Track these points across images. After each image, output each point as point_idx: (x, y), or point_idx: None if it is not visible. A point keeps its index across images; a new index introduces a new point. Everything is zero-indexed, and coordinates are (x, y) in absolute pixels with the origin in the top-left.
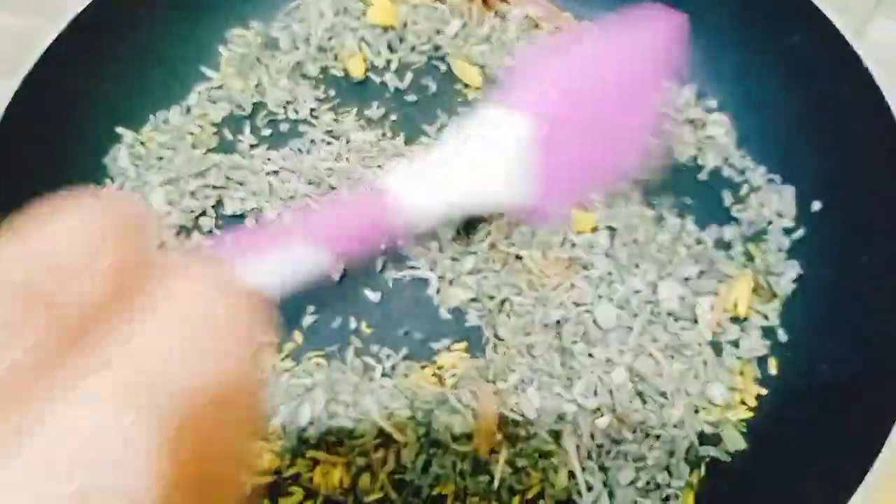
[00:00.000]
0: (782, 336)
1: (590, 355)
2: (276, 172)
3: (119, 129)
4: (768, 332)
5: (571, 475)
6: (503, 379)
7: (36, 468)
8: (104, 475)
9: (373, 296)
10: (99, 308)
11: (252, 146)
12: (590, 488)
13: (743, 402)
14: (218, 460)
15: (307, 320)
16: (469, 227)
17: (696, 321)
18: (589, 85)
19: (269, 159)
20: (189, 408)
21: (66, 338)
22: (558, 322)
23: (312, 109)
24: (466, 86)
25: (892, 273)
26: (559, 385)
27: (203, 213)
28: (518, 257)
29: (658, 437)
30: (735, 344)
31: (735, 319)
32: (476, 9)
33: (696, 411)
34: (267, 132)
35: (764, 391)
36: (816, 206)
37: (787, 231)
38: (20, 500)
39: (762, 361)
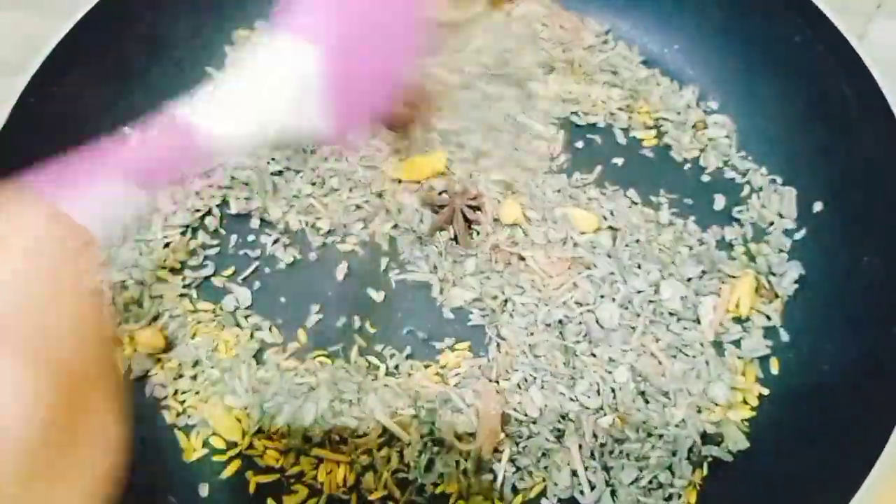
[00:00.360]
0: (784, 336)
1: (592, 355)
2: (280, 173)
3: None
4: (770, 332)
5: (574, 474)
6: (506, 378)
7: None
8: None
9: (376, 295)
10: None
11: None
12: (592, 487)
13: (745, 402)
14: (84, 393)
15: (311, 320)
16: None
17: (698, 321)
18: (362, 4)
19: (273, 159)
20: (41, 338)
21: None
22: (561, 322)
23: None
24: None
25: (893, 273)
26: (562, 384)
27: (208, 213)
28: (521, 258)
29: (660, 436)
30: (737, 344)
31: (737, 319)
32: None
33: (699, 411)
34: None
35: (766, 391)
36: (818, 206)
37: (789, 232)
38: None
39: (764, 361)
